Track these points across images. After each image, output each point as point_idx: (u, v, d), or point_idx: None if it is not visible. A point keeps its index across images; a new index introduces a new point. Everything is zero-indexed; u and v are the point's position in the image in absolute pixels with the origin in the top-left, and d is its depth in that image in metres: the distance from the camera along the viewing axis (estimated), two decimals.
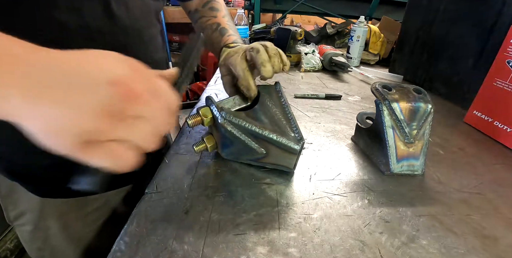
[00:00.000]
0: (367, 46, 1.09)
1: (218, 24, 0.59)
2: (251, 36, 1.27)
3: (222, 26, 0.59)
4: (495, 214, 0.38)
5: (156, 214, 0.35)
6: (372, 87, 0.46)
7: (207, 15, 0.61)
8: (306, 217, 0.36)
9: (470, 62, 0.69)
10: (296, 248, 0.32)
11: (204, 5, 0.63)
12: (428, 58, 0.83)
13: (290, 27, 1.01)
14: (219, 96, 0.72)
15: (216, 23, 0.59)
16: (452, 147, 0.54)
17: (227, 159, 0.46)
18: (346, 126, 0.60)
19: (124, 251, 0.30)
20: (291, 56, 1.03)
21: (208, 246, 0.31)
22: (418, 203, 0.39)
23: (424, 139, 0.44)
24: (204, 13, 0.62)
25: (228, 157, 0.45)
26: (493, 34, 0.63)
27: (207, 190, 0.40)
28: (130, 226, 0.33)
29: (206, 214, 0.36)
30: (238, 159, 0.45)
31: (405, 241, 0.33)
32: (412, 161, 0.44)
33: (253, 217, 0.36)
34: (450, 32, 0.75)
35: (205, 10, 0.62)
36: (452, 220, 0.36)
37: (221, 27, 0.58)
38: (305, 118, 0.63)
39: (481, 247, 0.33)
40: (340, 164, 0.47)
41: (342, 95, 0.76)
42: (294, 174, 0.44)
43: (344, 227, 0.35)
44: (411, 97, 0.43)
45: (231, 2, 3.13)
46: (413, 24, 0.88)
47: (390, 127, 0.43)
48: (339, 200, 0.39)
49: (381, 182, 0.43)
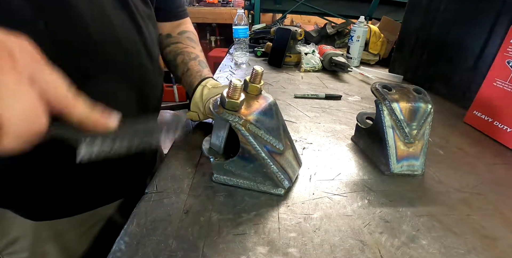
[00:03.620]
0: (367, 46, 1.09)
1: (197, 55, 0.59)
2: (251, 36, 1.27)
3: (201, 59, 0.59)
4: (495, 214, 0.38)
5: (156, 214, 0.35)
6: (372, 87, 0.46)
7: (184, 43, 0.61)
8: (306, 217, 0.36)
9: (470, 62, 0.69)
10: (296, 248, 0.32)
11: (180, 33, 0.62)
12: (428, 58, 0.83)
13: (290, 27, 1.01)
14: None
15: (195, 54, 0.59)
16: (452, 147, 0.54)
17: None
18: (346, 126, 0.60)
19: (124, 251, 0.30)
20: (291, 56, 1.03)
21: (208, 246, 0.31)
22: (418, 203, 0.39)
23: (424, 139, 0.44)
24: (181, 40, 0.61)
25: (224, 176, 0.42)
26: (493, 34, 0.63)
27: (207, 190, 0.40)
28: (130, 226, 0.33)
29: (206, 214, 0.36)
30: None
31: (405, 241, 0.33)
32: (412, 161, 0.44)
33: (253, 217, 0.36)
34: (450, 32, 0.75)
35: (182, 38, 0.62)
36: (452, 220, 0.36)
37: (200, 60, 0.58)
38: (305, 118, 0.63)
39: (481, 247, 0.33)
40: (340, 164, 0.47)
41: (342, 95, 0.76)
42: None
43: (344, 227, 0.35)
44: (411, 97, 0.43)
45: (231, 2, 3.13)
46: (413, 24, 0.88)
47: (390, 127, 0.43)
48: (339, 200, 0.39)
49: (381, 182, 0.43)
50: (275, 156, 0.38)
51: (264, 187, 0.40)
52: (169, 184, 0.40)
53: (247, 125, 0.35)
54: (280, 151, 0.39)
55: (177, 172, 0.43)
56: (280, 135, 0.39)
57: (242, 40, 1.05)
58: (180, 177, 0.42)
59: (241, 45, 1.05)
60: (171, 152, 0.48)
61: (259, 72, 0.37)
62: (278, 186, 0.39)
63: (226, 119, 0.35)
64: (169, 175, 0.42)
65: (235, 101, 0.34)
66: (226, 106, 0.34)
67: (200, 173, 0.43)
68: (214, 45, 3.36)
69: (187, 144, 0.51)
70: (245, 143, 0.36)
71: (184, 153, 0.48)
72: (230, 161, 0.39)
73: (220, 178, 0.41)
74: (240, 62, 1.05)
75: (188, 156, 0.47)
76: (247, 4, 1.79)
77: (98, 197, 0.49)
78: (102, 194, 0.50)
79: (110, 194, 0.51)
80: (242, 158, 0.38)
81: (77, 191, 0.46)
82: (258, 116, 0.36)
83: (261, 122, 0.37)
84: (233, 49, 1.13)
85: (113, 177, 0.49)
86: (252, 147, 0.36)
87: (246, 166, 0.39)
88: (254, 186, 0.40)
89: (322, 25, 1.29)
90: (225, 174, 0.41)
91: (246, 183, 0.40)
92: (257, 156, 0.37)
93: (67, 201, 0.46)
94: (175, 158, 0.47)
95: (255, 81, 0.38)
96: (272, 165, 0.38)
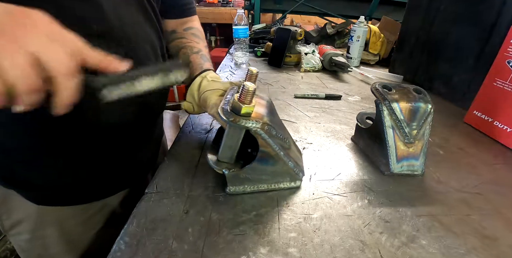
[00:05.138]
0: (367, 46, 1.09)
1: (200, 49, 0.59)
2: (251, 36, 1.27)
3: (204, 53, 0.59)
4: (495, 214, 0.38)
5: (156, 214, 0.35)
6: (372, 87, 0.46)
7: (188, 38, 0.61)
8: (306, 217, 0.36)
9: (470, 62, 0.69)
10: (296, 248, 0.32)
11: (185, 29, 0.62)
12: (428, 58, 0.83)
13: (290, 27, 1.01)
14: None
15: (198, 48, 0.59)
16: (452, 147, 0.54)
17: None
18: (346, 126, 0.60)
19: (124, 251, 0.30)
20: (291, 56, 1.03)
21: (208, 246, 0.31)
22: (418, 203, 0.39)
23: (424, 139, 0.44)
24: (186, 35, 0.61)
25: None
26: (493, 34, 0.63)
27: (207, 190, 0.40)
28: (130, 226, 0.33)
29: (206, 214, 0.36)
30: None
31: (405, 241, 0.33)
32: (412, 161, 0.44)
33: (253, 217, 0.36)
34: (450, 32, 0.75)
35: (187, 33, 0.62)
36: (452, 220, 0.36)
37: (202, 54, 0.58)
38: (305, 118, 0.63)
39: (481, 247, 0.33)
40: (340, 164, 0.47)
41: (342, 95, 0.76)
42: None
43: (344, 227, 0.35)
44: (411, 97, 0.43)
45: (231, 2, 3.14)
46: (413, 24, 0.88)
47: (390, 127, 0.43)
48: (339, 200, 0.39)
49: (381, 182, 0.43)
50: (287, 152, 0.38)
51: (284, 184, 0.40)
52: (169, 184, 0.40)
53: (265, 128, 0.34)
54: (288, 146, 0.39)
55: (177, 172, 0.43)
56: (285, 130, 0.39)
57: (242, 40, 1.05)
58: (180, 177, 0.42)
59: (241, 45, 1.05)
60: (171, 152, 0.48)
61: (253, 73, 0.37)
62: (296, 179, 0.40)
63: (244, 126, 0.33)
64: (169, 175, 0.42)
65: (250, 107, 0.33)
66: (242, 113, 0.33)
67: (200, 173, 0.43)
68: (214, 45, 3.36)
69: (187, 144, 0.51)
70: (265, 146, 0.35)
71: (184, 153, 0.48)
72: (247, 169, 0.37)
73: (237, 189, 0.39)
74: (240, 62, 1.05)
75: (188, 156, 0.47)
76: (247, 4, 1.79)
77: (101, 188, 0.50)
78: (105, 185, 0.50)
79: (113, 185, 0.52)
80: (261, 161, 0.37)
81: (81, 180, 0.47)
82: (269, 116, 0.36)
83: (273, 122, 0.36)
84: (233, 49, 1.13)
85: (117, 168, 0.50)
86: (272, 149, 0.36)
87: (265, 169, 0.38)
88: (275, 186, 0.40)
89: (322, 25, 1.29)
90: (242, 183, 0.38)
91: (265, 186, 0.39)
92: (276, 156, 0.37)
93: (71, 189, 0.47)
94: (175, 158, 0.47)
95: (251, 80, 0.38)
96: (289, 161, 0.38)
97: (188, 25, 0.63)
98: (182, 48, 0.59)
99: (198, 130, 0.56)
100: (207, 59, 0.58)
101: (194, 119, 0.60)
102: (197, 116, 0.62)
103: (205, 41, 0.63)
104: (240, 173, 0.37)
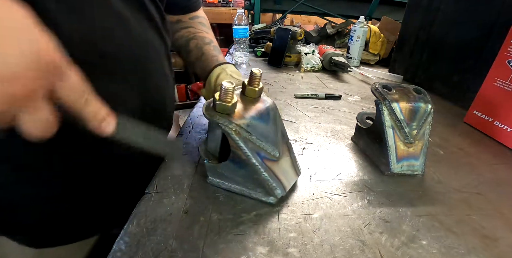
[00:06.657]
0: (367, 46, 1.09)
1: (211, 40, 0.57)
2: (251, 36, 1.27)
3: (215, 44, 0.57)
4: (495, 214, 0.38)
5: (156, 214, 0.35)
6: (372, 87, 0.46)
7: (196, 27, 0.58)
8: (306, 217, 0.36)
9: (470, 62, 0.69)
10: (296, 248, 0.32)
11: (192, 18, 0.60)
12: (428, 58, 0.83)
13: (290, 27, 1.01)
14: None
15: (209, 39, 0.57)
16: (452, 147, 0.54)
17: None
18: (346, 126, 0.60)
19: (124, 251, 0.30)
20: (291, 56, 1.03)
21: (208, 246, 0.31)
22: (418, 203, 0.39)
23: (424, 139, 0.44)
24: (193, 25, 0.59)
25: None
26: (493, 34, 0.63)
27: (207, 190, 0.40)
28: (130, 226, 0.33)
29: (206, 214, 0.36)
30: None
31: (405, 241, 0.33)
32: (412, 161, 0.44)
33: (253, 217, 0.36)
34: (450, 32, 0.75)
35: (194, 22, 0.59)
36: (452, 220, 0.36)
37: (214, 45, 0.56)
38: (305, 118, 0.63)
39: (481, 247, 0.33)
40: (340, 164, 0.47)
41: (342, 95, 0.76)
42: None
43: (344, 227, 0.35)
44: (411, 97, 0.43)
45: (231, 2, 3.13)
46: (413, 24, 0.88)
47: (390, 127, 0.43)
48: (339, 200, 0.39)
49: (381, 182, 0.43)
50: (268, 163, 0.37)
51: (255, 194, 0.38)
52: (169, 184, 0.40)
53: (237, 130, 0.34)
54: (275, 158, 0.37)
55: (177, 172, 0.43)
56: (277, 141, 0.38)
57: (242, 40, 1.05)
58: (180, 177, 0.42)
59: (241, 45, 1.05)
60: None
61: (257, 74, 0.36)
62: (269, 195, 0.37)
63: (216, 122, 0.34)
64: (169, 175, 0.42)
65: (226, 104, 0.33)
66: (217, 109, 0.34)
67: (200, 173, 0.43)
68: None
69: (187, 144, 0.51)
70: (235, 147, 0.35)
71: (184, 153, 0.48)
72: (222, 165, 0.38)
73: (214, 181, 0.40)
74: (240, 62, 1.05)
75: (188, 156, 0.47)
76: (247, 4, 1.79)
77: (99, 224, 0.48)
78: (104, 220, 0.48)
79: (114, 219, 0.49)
80: (233, 162, 0.37)
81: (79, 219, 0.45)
82: (251, 120, 0.35)
83: (254, 127, 0.35)
84: (233, 49, 1.13)
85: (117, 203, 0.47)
86: (242, 152, 0.35)
87: (237, 171, 0.38)
88: (246, 192, 0.39)
89: (322, 25, 1.29)
90: (219, 177, 0.40)
91: (238, 188, 0.39)
92: (247, 161, 0.35)
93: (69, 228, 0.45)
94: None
95: (253, 84, 0.37)
96: (264, 172, 0.36)
97: (193, 14, 0.61)
98: (192, 38, 0.56)
99: (198, 130, 0.56)
100: (219, 51, 0.56)
101: (194, 119, 0.61)
102: (197, 116, 0.62)
103: (212, 30, 0.61)
104: (218, 167, 0.39)
